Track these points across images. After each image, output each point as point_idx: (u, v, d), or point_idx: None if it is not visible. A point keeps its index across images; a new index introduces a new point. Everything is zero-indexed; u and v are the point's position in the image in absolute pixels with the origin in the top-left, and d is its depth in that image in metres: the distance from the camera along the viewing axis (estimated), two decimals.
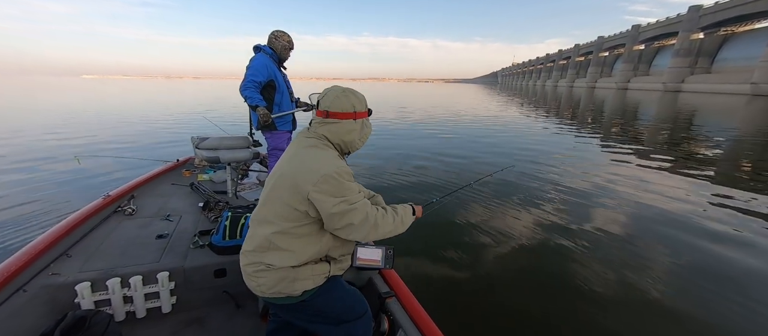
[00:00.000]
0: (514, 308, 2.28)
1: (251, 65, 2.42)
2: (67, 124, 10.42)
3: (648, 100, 28.02)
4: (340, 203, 1.05)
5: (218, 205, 2.31)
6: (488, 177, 1.94)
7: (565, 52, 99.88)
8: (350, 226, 1.09)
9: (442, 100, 25.96)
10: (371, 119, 1.26)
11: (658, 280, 2.56)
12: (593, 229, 3.40)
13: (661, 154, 7.08)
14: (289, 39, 2.56)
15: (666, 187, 4.82)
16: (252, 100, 2.35)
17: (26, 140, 7.72)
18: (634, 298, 2.36)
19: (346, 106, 1.12)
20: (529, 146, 7.87)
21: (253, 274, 1.12)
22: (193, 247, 1.80)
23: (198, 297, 1.69)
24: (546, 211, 3.91)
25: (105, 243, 1.81)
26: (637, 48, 66.81)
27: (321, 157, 1.09)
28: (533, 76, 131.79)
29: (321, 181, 1.03)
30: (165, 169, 3.01)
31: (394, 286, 1.54)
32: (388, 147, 7.50)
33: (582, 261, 2.83)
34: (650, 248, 3.06)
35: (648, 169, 5.83)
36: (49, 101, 19.91)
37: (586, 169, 5.84)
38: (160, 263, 1.66)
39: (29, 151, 6.51)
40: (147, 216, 2.17)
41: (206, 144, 2.20)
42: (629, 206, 4.10)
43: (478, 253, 2.97)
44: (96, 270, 1.58)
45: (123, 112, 14.37)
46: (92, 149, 6.89)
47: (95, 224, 1.99)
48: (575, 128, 11.12)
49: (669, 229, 3.43)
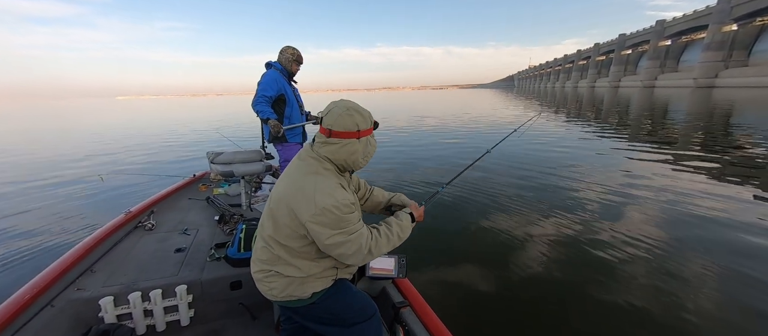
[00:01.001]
0: (536, 318, 2.15)
1: (262, 81, 2.52)
2: (94, 143, 11.15)
3: (678, 97, 26.49)
4: (336, 235, 1.05)
5: (233, 217, 2.35)
6: (479, 161, 1.92)
7: (585, 52, 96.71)
8: (343, 255, 1.10)
9: (454, 106, 25.68)
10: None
11: (700, 296, 2.33)
12: (625, 237, 3.16)
13: (700, 155, 6.60)
14: (293, 51, 2.63)
15: (706, 192, 4.44)
16: (263, 113, 2.42)
17: (56, 160, 8.29)
18: (673, 316, 2.15)
19: (349, 125, 1.09)
20: (549, 149, 7.58)
21: (264, 280, 1.17)
22: (210, 260, 1.83)
23: (215, 309, 1.71)
24: (571, 215, 3.71)
25: (127, 258, 1.87)
26: (663, 44, 63.64)
27: (321, 186, 1.06)
28: (551, 77, 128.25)
29: (319, 214, 1.03)
30: (182, 184, 3.10)
31: (409, 295, 1.51)
32: (397, 152, 7.48)
33: (612, 270, 2.63)
34: (690, 260, 2.79)
35: (685, 172, 5.44)
36: (80, 122, 21.39)
37: (613, 172, 5.53)
38: (178, 276, 1.69)
39: (57, 171, 6.98)
40: (166, 230, 2.24)
41: (221, 158, 2.25)
42: (666, 211, 3.81)
43: (496, 260, 2.84)
44: (118, 284, 1.63)
45: (145, 130, 15.17)
46: (115, 167, 7.29)
47: (117, 240, 2.06)
48: (601, 129, 10.60)
49: (711, 240, 3.12)
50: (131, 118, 24.11)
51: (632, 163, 6.23)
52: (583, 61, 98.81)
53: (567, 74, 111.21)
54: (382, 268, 1.49)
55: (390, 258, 1.50)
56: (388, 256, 1.50)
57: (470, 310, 2.23)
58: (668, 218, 3.63)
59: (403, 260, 1.49)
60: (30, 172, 6.90)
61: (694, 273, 2.59)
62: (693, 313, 2.16)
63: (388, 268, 1.48)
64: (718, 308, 2.21)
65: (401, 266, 1.48)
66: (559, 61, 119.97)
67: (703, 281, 2.49)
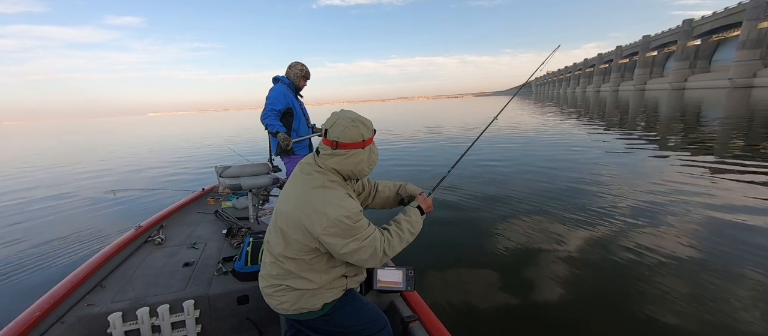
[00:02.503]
0: (553, 332, 2.00)
1: (270, 95, 2.57)
2: (112, 159, 11.66)
3: (713, 99, 24.88)
4: (350, 243, 1.08)
5: (241, 231, 2.34)
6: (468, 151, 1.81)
7: (606, 55, 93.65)
8: (360, 260, 1.12)
9: (470, 114, 25.33)
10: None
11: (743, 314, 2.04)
12: (656, 249, 2.89)
13: (741, 161, 6.05)
14: (302, 67, 2.68)
15: (751, 199, 4.02)
16: (272, 126, 2.45)
17: (73, 175, 8.72)
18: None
19: (355, 136, 1.11)
20: (567, 155, 7.21)
21: (274, 294, 1.17)
22: (217, 274, 1.81)
23: (221, 325, 1.69)
24: (595, 224, 3.46)
25: (136, 273, 1.88)
26: (692, 44, 60.52)
27: (329, 199, 1.08)
28: (571, 83, 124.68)
29: (331, 226, 1.05)
30: (192, 198, 3.14)
31: (418, 309, 1.47)
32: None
33: (642, 283, 2.41)
34: (730, 278, 2.49)
35: (725, 180, 4.97)
36: (103, 138, 22.61)
37: (643, 179, 5.14)
38: (185, 291, 1.68)
39: (72, 186, 7.28)
40: (175, 245, 2.24)
41: (229, 172, 2.26)
42: (704, 221, 3.46)
43: (510, 271, 2.67)
44: (127, 300, 1.63)
45: (161, 145, 15.77)
46: (128, 182, 7.54)
47: (127, 255, 2.07)
48: (627, 133, 10.04)
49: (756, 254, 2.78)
50: (150, 134, 25.39)
51: (662, 168, 5.83)
52: (605, 65, 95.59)
53: (588, 78, 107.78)
54: (390, 281, 1.44)
55: (398, 270, 1.44)
56: (396, 269, 1.45)
57: (482, 325, 2.11)
58: (703, 229, 3.29)
59: (411, 272, 1.44)
60: (46, 187, 7.22)
61: (735, 293, 2.30)
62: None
63: (396, 281, 1.43)
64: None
65: (409, 278, 1.43)
66: (579, 65, 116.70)
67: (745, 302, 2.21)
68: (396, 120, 23.83)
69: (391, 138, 12.70)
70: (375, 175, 5.89)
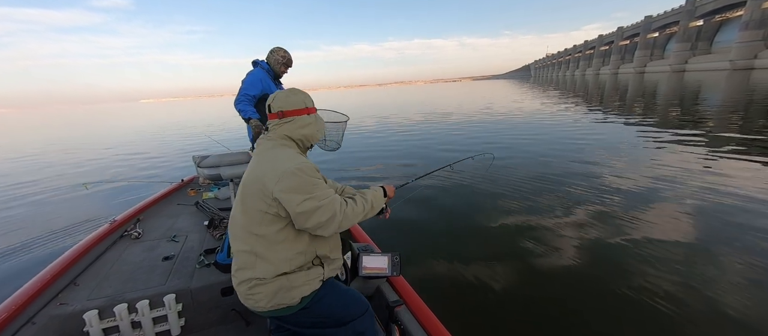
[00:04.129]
0: (536, 314, 2.07)
1: (246, 80, 2.45)
2: (87, 149, 11.04)
3: (712, 82, 24.70)
4: (306, 201, 1.05)
5: (223, 222, 2.31)
6: (468, 159, 1.98)
7: (607, 36, 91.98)
8: (318, 223, 1.08)
9: (466, 100, 25.05)
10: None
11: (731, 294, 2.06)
12: (642, 230, 2.92)
13: (736, 144, 6.01)
14: (284, 54, 2.54)
15: (745, 183, 4.00)
16: (245, 112, 2.36)
17: (42, 167, 8.29)
18: (699, 315, 1.94)
19: (297, 103, 1.19)
20: (559, 141, 7.13)
21: (248, 294, 1.12)
22: (199, 267, 1.78)
23: (207, 317, 1.67)
24: (581, 209, 3.47)
25: (112, 269, 1.82)
26: (695, 24, 59.40)
27: (281, 155, 1.12)
28: (571, 65, 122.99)
29: (283, 178, 1.04)
30: (171, 189, 3.07)
31: (404, 294, 1.49)
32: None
33: (623, 263, 2.47)
34: (721, 261, 2.49)
35: (719, 162, 4.94)
36: (82, 127, 21.55)
37: (633, 164, 5.11)
38: (166, 286, 1.65)
39: (41, 179, 6.80)
40: (153, 238, 2.19)
41: (207, 162, 2.17)
42: (695, 205, 3.45)
43: (494, 254, 2.74)
44: (104, 297, 1.58)
45: (141, 134, 15.23)
46: (102, 174, 7.10)
47: (102, 251, 2.02)
48: (621, 115, 9.97)
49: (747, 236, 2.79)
50: (133, 122, 24.59)
51: (654, 151, 5.81)
52: (605, 47, 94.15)
53: (588, 61, 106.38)
54: (376, 267, 1.45)
55: (383, 256, 1.46)
56: (381, 254, 1.47)
57: (468, 307, 2.16)
58: (697, 213, 3.29)
59: (396, 258, 1.46)
60: (10, 182, 6.74)
61: (727, 275, 2.31)
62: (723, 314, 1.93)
63: (381, 267, 1.45)
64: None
65: (395, 264, 1.45)
66: (579, 47, 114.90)
67: (738, 280, 2.23)
68: (392, 105, 23.54)
69: (378, 124, 12.51)
70: (360, 159, 5.81)
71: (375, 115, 16.54)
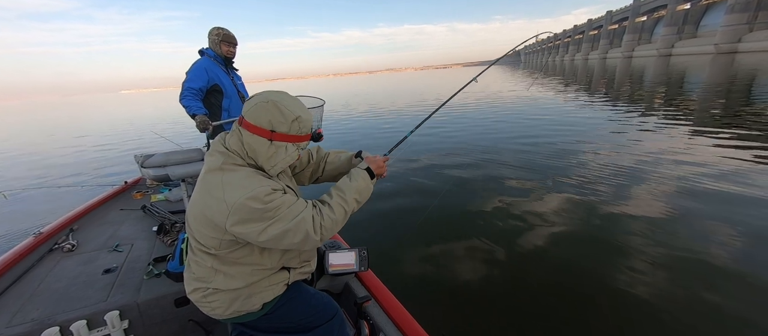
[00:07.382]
0: (509, 305, 2.04)
1: (188, 72, 2.16)
2: (6, 151, 9.51)
3: (696, 66, 25.02)
4: (269, 228, 0.90)
5: (174, 226, 2.03)
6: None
7: (596, 21, 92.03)
8: (292, 245, 0.94)
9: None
10: None
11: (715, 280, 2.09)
12: (615, 213, 2.93)
13: (717, 128, 5.98)
14: (219, 31, 2.22)
15: (722, 164, 4.01)
16: (189, 108, 2.10)
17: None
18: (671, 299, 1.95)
19: (261, 119, 0.92)
20: (535, 126, 7.00)
21: (203, 300, 1.03)
22: (148, 278, 1.62)
23: (161, 331, 1.54)
24: (557, 195, 3.41)
25: (39, 288, 1.55)
26: (682, 8, 59.78)
27: (228, 181, 0.91)
28: (560, 50, 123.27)
29: (234, 213, 0.88)
30: (111, 193, 2.75)
31: (373, 288, 1.45)
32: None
33: (596, 250, 2.48)
34: (705, 242, 2.51)
35: (699, 146, 4.91)
36: (21, 127, 18.64)
37: (612, 148, 5.05)
38: (108, 302, 1.47)
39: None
40: (91, 250, 1.90)
41: (152, 161, 1.90)
42: (673, 188, 3.43)
43: (465, 245, 2.66)
44: (29, 321, 1.33)
45: (86, 131, 13.41)
46: (28, 180, 6.07)
47: (26, 268, 1.72)
48: (602, 99, 9.89)
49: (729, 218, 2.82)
50: (88, 115, 22.63)
51: (637, 134, 5.77)
52: (594, 31, 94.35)
53: (577, 46, 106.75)
54: (343, 263, 1.43)
55: (350, 252, 1.44)
56: (348, 250, 1.44)
57: (438, 299, 2.14)
58: (679, 194, 3.28)
59: (364, 252, 1.44)
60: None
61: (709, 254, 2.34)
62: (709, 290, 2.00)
63: (349, 263, 1.42)
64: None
65: (363, 259, 1.43)
66: (568, 32, 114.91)
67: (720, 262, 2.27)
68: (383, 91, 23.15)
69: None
70: (336, 144, 5.53)
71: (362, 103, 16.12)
